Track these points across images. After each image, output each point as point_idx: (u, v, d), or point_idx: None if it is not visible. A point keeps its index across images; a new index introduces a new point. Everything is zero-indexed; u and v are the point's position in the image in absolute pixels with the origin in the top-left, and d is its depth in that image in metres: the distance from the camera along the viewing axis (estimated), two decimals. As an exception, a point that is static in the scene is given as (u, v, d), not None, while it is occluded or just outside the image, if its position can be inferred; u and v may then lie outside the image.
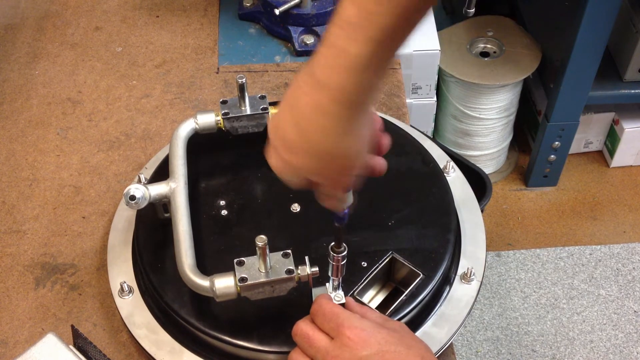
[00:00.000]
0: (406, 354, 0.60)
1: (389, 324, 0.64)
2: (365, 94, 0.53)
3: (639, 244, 1.86)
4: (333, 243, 0.65)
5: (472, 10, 1.26)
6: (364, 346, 0.60)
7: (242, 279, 0.65)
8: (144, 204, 0.73)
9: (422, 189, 0.81)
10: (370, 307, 0.70)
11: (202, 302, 0.70)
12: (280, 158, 0.57)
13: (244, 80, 0.78)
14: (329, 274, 0.67)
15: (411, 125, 0.93)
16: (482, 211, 0.83)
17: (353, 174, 0.58)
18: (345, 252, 0.65)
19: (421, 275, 0.73)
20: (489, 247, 1.80)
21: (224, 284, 0.65)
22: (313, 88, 0.53)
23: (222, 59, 1.07)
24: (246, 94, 0.80)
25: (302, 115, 0.54)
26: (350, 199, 0.63)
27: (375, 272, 0.73)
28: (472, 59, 1.78)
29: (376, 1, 0.49)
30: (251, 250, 0.65)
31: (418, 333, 0.72)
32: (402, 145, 0.86)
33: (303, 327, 0.64)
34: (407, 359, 0.60)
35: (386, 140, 0.62)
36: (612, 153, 2.00)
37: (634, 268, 1.81)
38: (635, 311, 1.73)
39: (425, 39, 1.26)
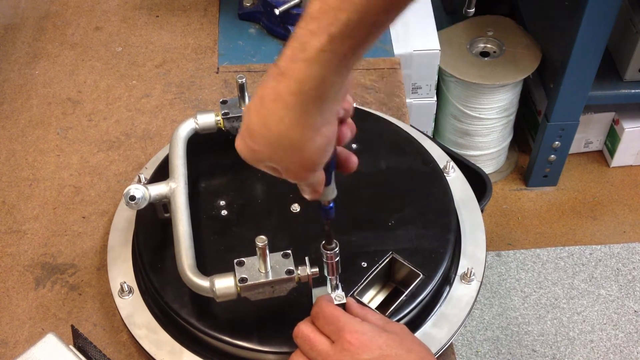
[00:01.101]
0: (406, 357, 0.60)
1: (390, 326, 0.64)
2: (325, 89, 0.54)
3: (639, 244, 1.86)
4: (324, 241, 0.64)
5: (472, 10, 1.26)
6: (365, 350, 0.60)
7: (242, 279, 0.65)
8: (143, 204, 0.73)
9: (422, 189, 0.81)
10: (371, 309, 0.70)
11: (202, 302, 0.70)
12: (244, 143, 0.58)
13: (244, 80, 0.78)
14: (325, 273, 0.66)
15: (411, 125, 0.93)
16: (482, 211, 0.83)
17: (312, 167, 0.58)
18: (337, 249, 0.65)
19: (421, 275, 0.73)
20: (489, 247, 1.80)
21: (224, 284, 0.65)
22: (275, 78, 0.54)
23: (222, 59, 1.07)
24: (246, 93, 0.80)
25: (265, 103, 0.55)
26: (331, 193, 0.63)
27: (375, 272, 0.73)
28: (472, 59, 1.78)
29: None
30: (251, 251, 0.64)
31: (418, 333, 0.72)
32: (402, 145, 0.86)
33: (304, 329, 0.64)
34: None
35: (346, 131, 0.61)
36: (612, 153, 2.00)
37: (634, 268, 1.81)
38: (635, 311, 1.73)
39: (425, 38, 1.26)
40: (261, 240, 0.62)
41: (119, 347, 0.75)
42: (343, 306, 0.66)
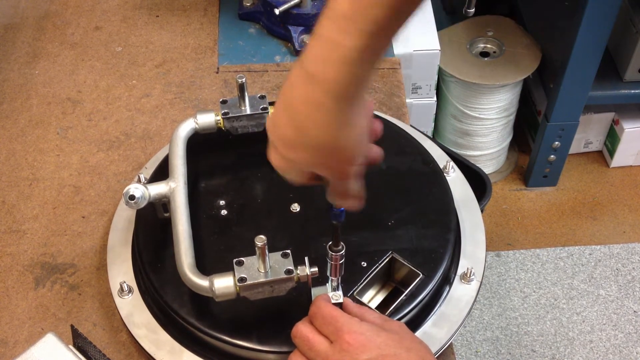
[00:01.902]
0: (406, 357, 0.60)
1: (388, 325, 0.64)
2: (360, 85, 0.53)
3: (639, 244, 1.86)
4: (330, 242, 0.65)
5: (472, 10, 1.26)
6: (363, 351, 0.60)
7: (242, 279, 0.65)
8: (143, 204, 0.73)
9: (422, 189, 0.81)
10: (369, 307, 0.70)
11: (202, 302, 0.70)
12: (281, 156, 0.58)
13: (243, 80, 0.78)
14: (328, 273, 0.67)
15: (411, 125, 0.93)
16: (482, 211, 0.83)
17: (353, 160, 0.58)
18: (343, 251, 0.65)
19: (421, 275, 0.73)
20: (489, 247, 1.80)
21: (223, 283, 0.65)
22: (306, 82, 0.53)
23: (222, 58, 1.07)
24: (246, 93, 0.80)
25: (297, 110, 0.55)
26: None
27: (375, 272, 0.73)
28: (472, 59, 1.78)
29: None
30: (251, 250, 0.64)
31: (418, 333, 0.72)
32: (402, 145, 0.86)
33: (302, 330, 0.64)
34: None
35: (378, 126, 0.62)
36: (612, 153, 2.00)
37: (633, 268, 1.81)
38: (635, 311, 1.73)
39: (425, 38, 1.26)
40: (260, 240, 0.62)
41: (119, 346, 0.75)
42: (340, 305, 0.66)
